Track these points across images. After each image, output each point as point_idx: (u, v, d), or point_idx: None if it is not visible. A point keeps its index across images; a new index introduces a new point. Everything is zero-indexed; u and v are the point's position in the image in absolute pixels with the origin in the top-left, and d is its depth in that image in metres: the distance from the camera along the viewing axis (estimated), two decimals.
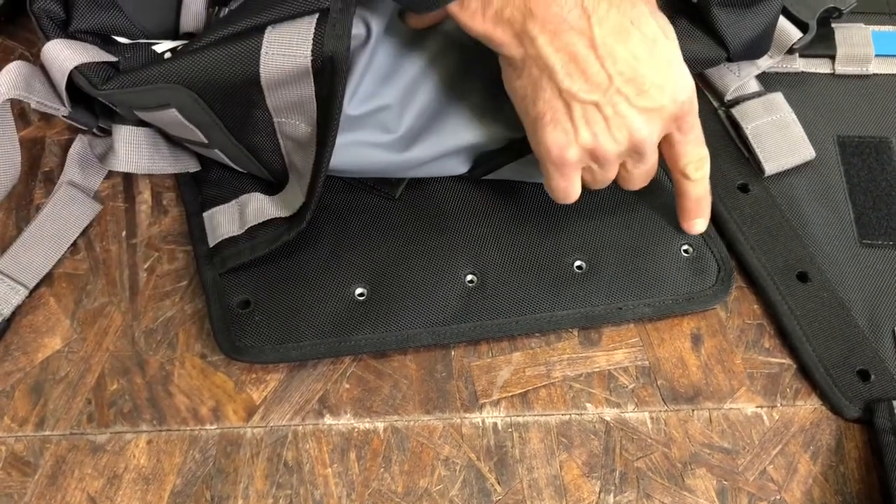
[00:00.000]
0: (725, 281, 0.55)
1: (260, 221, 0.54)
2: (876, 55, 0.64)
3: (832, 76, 0.64)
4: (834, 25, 0.64)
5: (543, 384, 0.52)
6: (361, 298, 0.53)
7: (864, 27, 0.65)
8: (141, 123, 0.55)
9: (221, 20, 0.49)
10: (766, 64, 0.61)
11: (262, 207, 0.54)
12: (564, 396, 0.52)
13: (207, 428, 0.50)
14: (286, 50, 0.46)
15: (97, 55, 0.50)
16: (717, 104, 0.62)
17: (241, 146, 0.52)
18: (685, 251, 0.56)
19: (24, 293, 0.53)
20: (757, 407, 0.52)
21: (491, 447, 0.50)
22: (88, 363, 0.52)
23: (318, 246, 0.55)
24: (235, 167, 0.56)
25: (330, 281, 0.53)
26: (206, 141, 0.53)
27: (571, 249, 0.56)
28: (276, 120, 0.51)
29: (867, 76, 0.64)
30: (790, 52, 0.62)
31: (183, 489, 0.48)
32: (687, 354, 0.54)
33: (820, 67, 0.64)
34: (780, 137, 0.60)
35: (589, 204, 0.53)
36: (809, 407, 0.52)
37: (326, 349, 0.51)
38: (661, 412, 0.52)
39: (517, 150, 0.54)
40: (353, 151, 0.53)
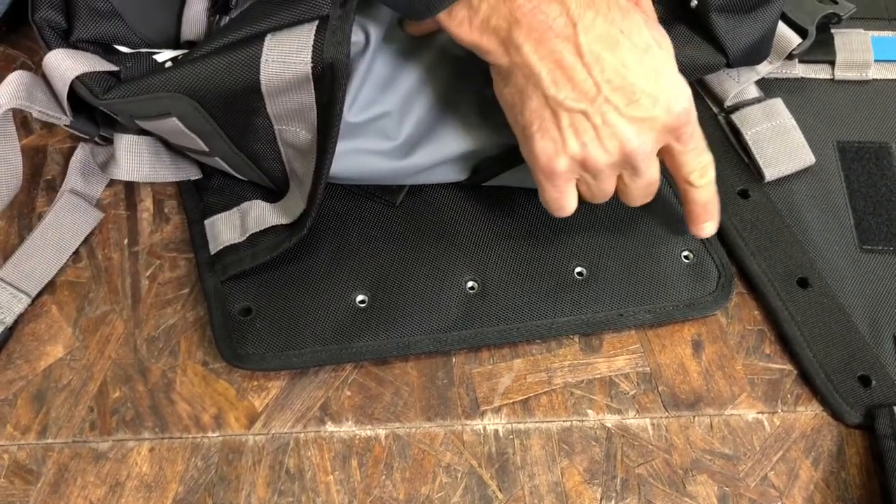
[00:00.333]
0: (726, 287, 0.55)
1: (261, 229, 0.54)
2: (875, 60, 0.64)
3: (832, 82, 0.64)
4: (833, 31, 0.64)
5: (544, 391, 0.52)
6: (363, 305, 0.53)
7: (863, 32, 0.65)
8: (142, 132, 0.55)
9: (222, 28, 0.50)
10: (765, 70, 0.61)
11: (263, 215, 0.54)
12: (565, 403, 0.52)
13: (209, 435, 0.50)
14: (286, 57, 0.47)
15: (98, 65, 0.50)
16: (716, 110, 0.62)
17: (241, 154, 0.53)
18: (685, 257, 0.56)
19: (26, 301, 0.53)
20: (758, 413, 0.52)
21: (492, 454, 0.50)
22: (91, 371, 0.52)
23: (319, 253, 0.55)
24: (236, 175, 0.56)
25: (331, 288, 0.54)
26: (206, 149, 0.53)
27: (572, 256, 0.56)
28: (276, 127, 0.51)
29: (867, 81, 0.64)
30: (790, 57, 0.62)
31: (185, 497, 0.48)
32: (688, 361, 0.54)
33: (819, 73, 0.64)
34: (779, 143, 0.60)
35: (589, 210, 0.53)
36: (810, 413, 0.52)
37: (328, 356, 0.52)
38: (662, 418, 0.52)
39: (516, 156, 0.54)
40: (353, 159, 0.53)
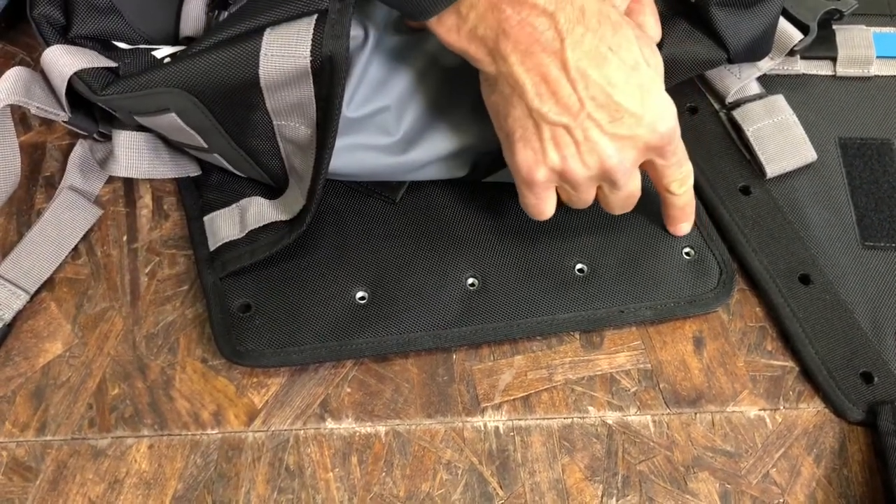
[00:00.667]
0: (727, 283, 0.55)
1: (260, 225, 0.54)
2: (877, 57, 0.64)
3: (833, 78, 0.64)
4: (835, 27, 0.64)
5: (545, 387, 0.52)
6: (362, 302, 0.53)
7: (865, 29, 0.64)
8: (141, 128, 0.55)
9: (220, 23, 0.49)
10: (766, 66, 0.61)
11: (262, 211, 0.54)
12: (566, 400, 0.52)
13: (209, 432, 0.50)
14: (285, 51, 0.46)
15: (97, 61, 0.50)
16: (718, 106, 0.62)
17: (240, 150, 0.52)
18: (686, 254, 0.56)
19: (25, 298, 0.53)
20: (760, 410, 0.52)
21: (493, 451, 0.50)
22: (90, 368, 0.52)
23: (318, 249, 0.55)
24: (235, 172, 0.56)
25: (331, 284, 0.53)
26: (205, 145, 0.53)
27: (572, 252, 0.56)
28: (275, 123, 0.51)
29: (868, 78, 0.64)
30: (791, 53, 0.62)
31: (184, 494, 0.48)
32: (689, 357, 0.53)
33: (821, 69, 0.64)
34: (781, 139, 0.59)
35: (590, 207, 0.53)
36: (812, 410, 0.52)
37: (327, 353, 0.51)
38: (663, 415, 0.51)
39: None
40: (352, 154, 0.53)
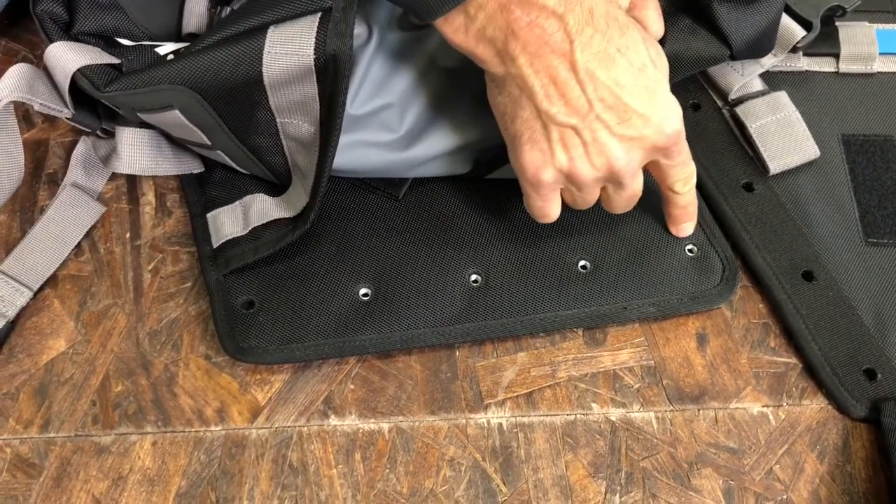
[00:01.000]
0: (730, 280, 0.55)
1: (264, 222, 0.54)
2: (880, 53, 0.64)
3: (836, 75, 0.64)
4: (838, 24, 0.64)
5: (548, 384, 0.52)
6: (366, 299, 0.53)
7: (868, 25, 0.64)
8: (144, 125, 0.55)
9: (224, 20, 0.49)
10: (769, 62, 0.61)
11: (265, 208, 0.54)
12: (570, 396, 0.52)
13: (212, 429, 0.50)
14: (289, 49, 0.46)
15: (100, 57, 0.50)
16: (721, 103, 0.62)
17: (244, 147, 0.52)
18: (689, 251, 0.56)
19: (28, 295, 0.53)
20: (763, 406, 0.52)
21: (496, 448, 0.50)
22: (93, 365, 0.52)
23: (321, 246, 0.55)
24: (239, 169, 0.56)
25: (334, 281, 0.53)
26: (208, 143, 0.53)
27: (576, 249, 0.56)
28: (278, 120, 0.51)
29: (871, 74, 0.64)
30: (794, 50, 0.62)
31: (188, 490, 0.48)
32: (692, 354, 0.53)
33: (824, 66, 0.64)
34: (784, 136, 0.59)
35: (594, 205, 0.53)
36: (816, 406, 0.52)
37: (331, 349, 0.51)
38: (666, 412, 0.51)
39: None
40: (355, 151, 0.53)
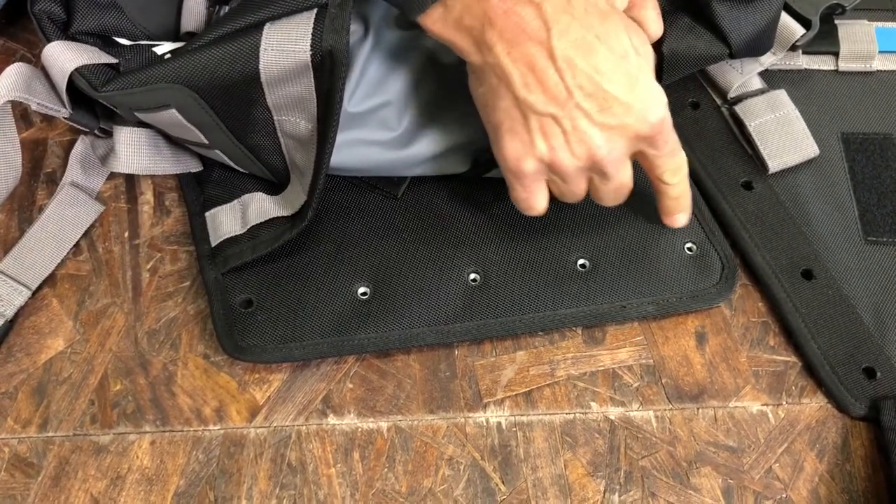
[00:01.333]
0: (729, 279, 0.55)
1: (262, 221, 0.54)
2: (880, 52, 0.64)
3: (836, 73, 0.64)
4: (837, 22, 0.64)
5: (547, 383, 0.52)
6: (364, 297, 0.53)
7: (867, 24, 0.64)
8: (142, 125, 0.55)
9: (220, 19, 0.49)
10: (769, 61, 0.61)
11: (264, 206, 0.54)
12: (569, 395, 0.52)
13: (211, 428, 0.50)
14: (285, 45, 0.46)
15: (97, 57, 0.50)
16: (720, 101, 0.62)
17: (241, 146, 0.52)
18: (689, 249, 0.56)
19: (26, 294, 0.53)
20: (762, 405, 0.52)
21: (495, 446, 0.50)
22: (91, 364, 0.52)
23: (320, 245, 0.55)
24: (237, 168, 0.56)
25: (332, 280, 0.53)
26: (206, 141, 0.53)
27: (575, 248, 0.56)
28: (276, 118, 0.51)
29: (871, 73, 0.64)
30: (793, 48, 0.62)
31: (186, 490, 0.48)
32: (691, 353, 0.53)
33: (823, 64, 0.64)
34: (783, 134, 0.59)
35: (591, 202, 0.53)
36: (815, 405, 0.52)
37: (329, 348, 0.51)
38: (665, 411, 0.51)
39: None
40: (353, 149, 0.53)
